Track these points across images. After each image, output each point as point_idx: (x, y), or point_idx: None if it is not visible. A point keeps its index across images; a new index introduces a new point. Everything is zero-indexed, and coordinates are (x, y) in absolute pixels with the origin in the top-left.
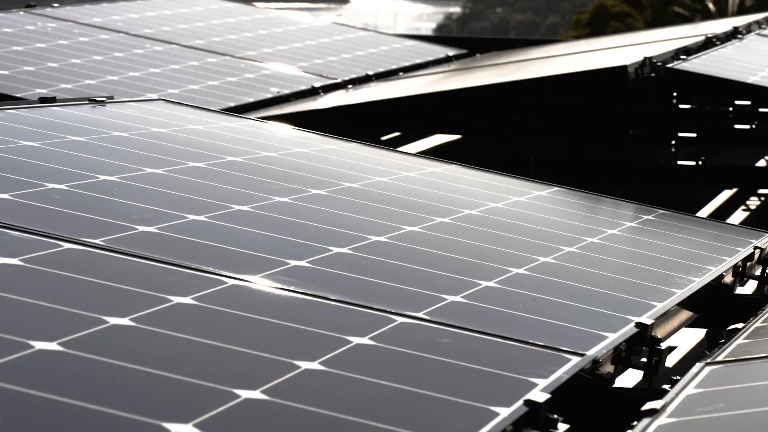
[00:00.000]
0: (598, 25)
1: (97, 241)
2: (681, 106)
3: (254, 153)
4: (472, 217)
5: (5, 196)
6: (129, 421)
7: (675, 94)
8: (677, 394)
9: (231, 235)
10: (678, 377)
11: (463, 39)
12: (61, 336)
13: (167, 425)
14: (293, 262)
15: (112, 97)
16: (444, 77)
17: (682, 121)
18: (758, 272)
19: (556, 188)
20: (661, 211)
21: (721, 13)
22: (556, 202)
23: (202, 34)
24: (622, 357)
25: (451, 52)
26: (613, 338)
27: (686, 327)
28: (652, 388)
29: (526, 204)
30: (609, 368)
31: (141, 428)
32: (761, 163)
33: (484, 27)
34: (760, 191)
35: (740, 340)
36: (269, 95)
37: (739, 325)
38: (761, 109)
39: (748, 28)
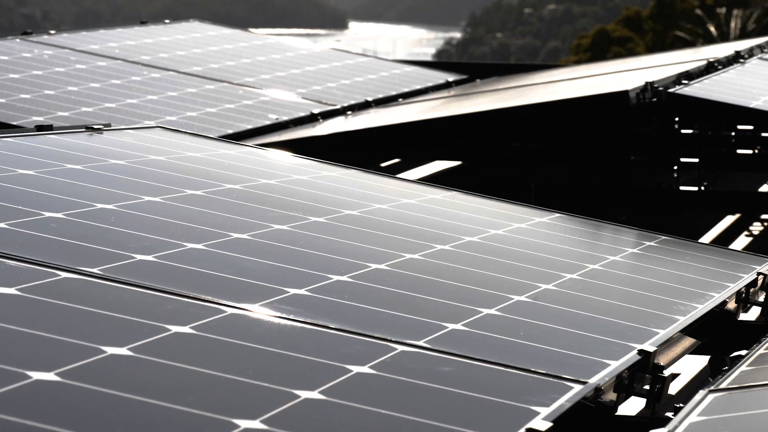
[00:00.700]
0: (599, 50)
1: (95, 270)
2: (683, 131)
3: (253, 180)
4: (472, 244)
5: (2, 225)
6: None
7: (677, 119)
8: (680, 422)
9: (229, 263)
10: (681, 405)
11: (463, 64)
12: (59, 366)
13: None
14: (292, 291)
15: (109, 125)
16: (444, 103)
17: (684, 146)
18: (761, 298)
19: (558, 214)
20: (663, 237)
21: (723, 37)
22: (558, 229)
23: (200, 61)
24: (625, 385)
25: (451, 78)
26: (615, 366)
27: (689, 354)
28: (654, 415)
29: (527, 231)
30: (611, 396)
31: None
32: (764, 188)
33: (484, 52)
34: (764, 216)
35: (744, 367)
36: (268, 122)
37: (743, 352)
38: (764, 134)
39: (750, 53)
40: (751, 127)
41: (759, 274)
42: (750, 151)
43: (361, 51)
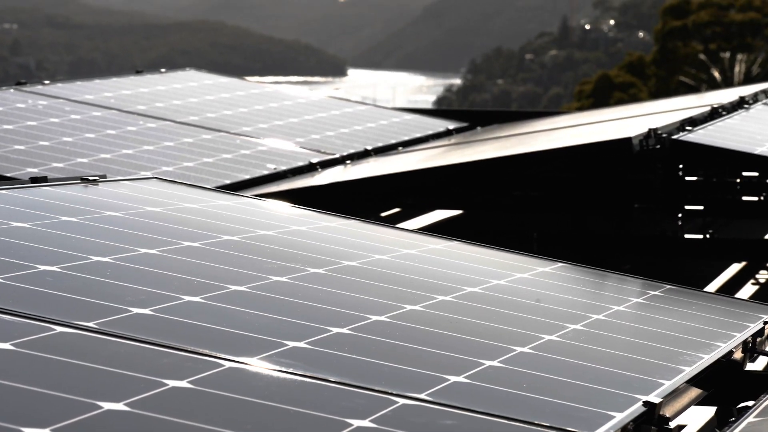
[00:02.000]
0: (602, 96)
1: (91, 324)
2: (687, 178)
3: (251, 232)
4: (474, 295)
5: None
6: None
7: (681, 165)
8: None
9: (227, 316)
10: None
11: (463, 112)
12: (55, 422)
13: None
14: (291, 344)
15: (104, 176)
16: (444, 151)
17: (688, 194)
18: None
19: (561, 264)
20: (668, 286)
21: (727, 82)
22: (561, 279)
23: (197, 110)
24: None
25: (452, 126)
26: (620, 418)
27: (695, 405)
28: None
29: (530, 281)
30: None
31: None
32: None
33: (485, 99)
34: None
35: (751, 418)
36: (266, 172)
37: (750, 403)
38: None
39: (755, 98)
40: (756, 174)
41: (766, 323)
42: (755, 198)
43: (360, 98)
